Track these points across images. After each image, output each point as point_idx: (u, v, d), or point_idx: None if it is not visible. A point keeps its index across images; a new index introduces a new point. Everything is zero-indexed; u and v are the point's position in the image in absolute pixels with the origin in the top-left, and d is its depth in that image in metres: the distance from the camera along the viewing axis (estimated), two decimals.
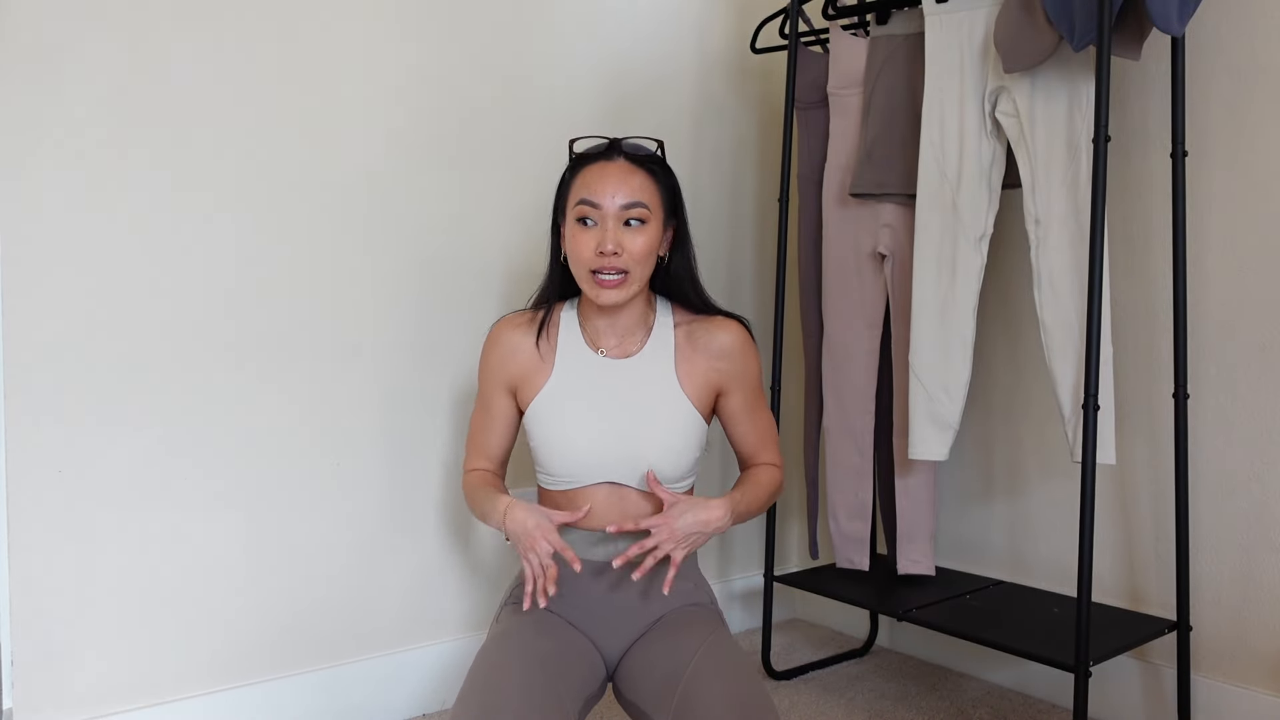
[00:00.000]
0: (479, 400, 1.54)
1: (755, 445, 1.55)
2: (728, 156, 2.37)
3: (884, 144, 1.93)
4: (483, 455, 1.55)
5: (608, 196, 1.37)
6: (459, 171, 1.91)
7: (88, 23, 1.51)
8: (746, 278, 2.42)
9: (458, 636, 1.96)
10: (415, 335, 1.87)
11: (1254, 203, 1.71)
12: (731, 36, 2.35)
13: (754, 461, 1.56)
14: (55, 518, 1.52)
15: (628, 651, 1.43)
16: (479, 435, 1.55)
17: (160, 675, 1.62)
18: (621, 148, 1.43)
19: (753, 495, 1.49)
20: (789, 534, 2.54)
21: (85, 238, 1.52)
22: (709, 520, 1.38)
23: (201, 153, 1.62)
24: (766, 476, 1.54)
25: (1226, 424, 1.75)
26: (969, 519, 2.16)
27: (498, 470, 1.56)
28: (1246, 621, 1.74)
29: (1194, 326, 1.79)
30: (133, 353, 1.57)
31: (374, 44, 1.79)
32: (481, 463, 1.55)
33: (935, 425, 1.83)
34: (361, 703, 1.83)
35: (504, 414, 1.52)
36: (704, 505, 1.39)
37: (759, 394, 1.54)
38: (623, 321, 1.47)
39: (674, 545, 1.37)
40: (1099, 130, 1.56)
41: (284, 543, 1.74)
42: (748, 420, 1.53)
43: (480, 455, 1.55)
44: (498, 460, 1.56)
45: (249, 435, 1.69)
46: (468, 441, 1.57)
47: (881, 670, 2.16)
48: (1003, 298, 2.08)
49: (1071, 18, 1.59)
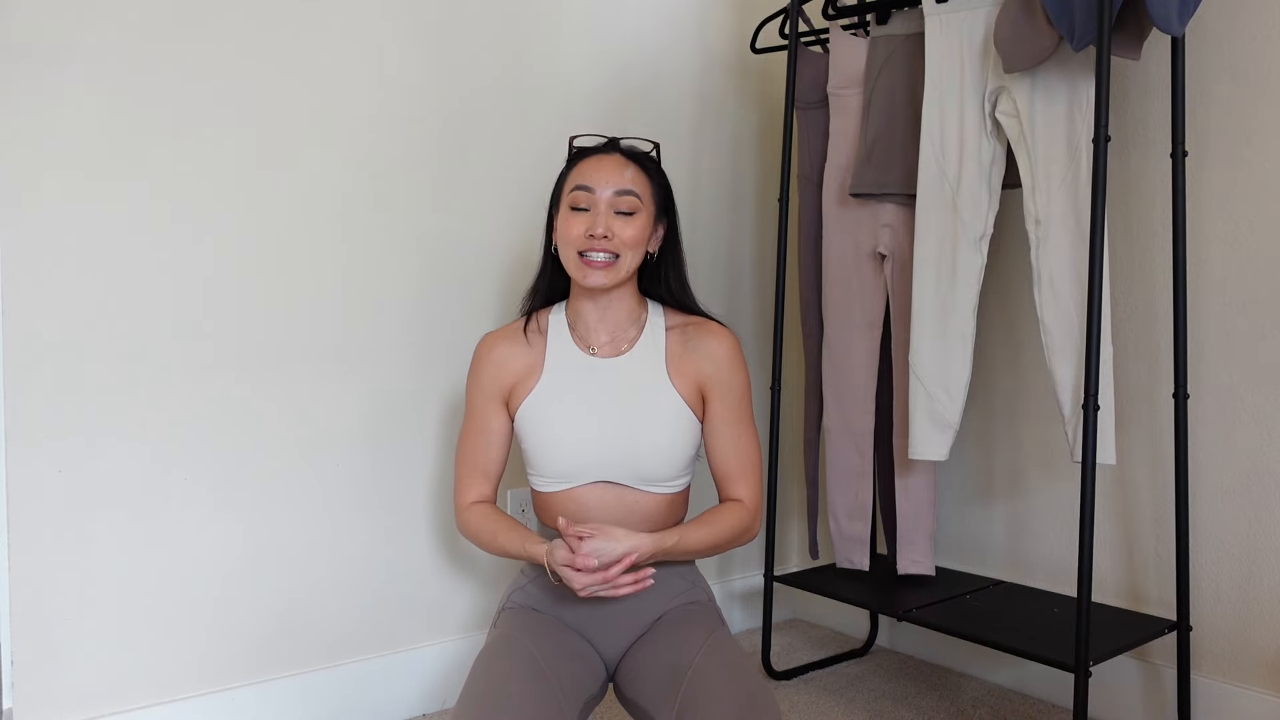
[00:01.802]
0: (470, 420, 1.50)
1: (731, 469, 1.46)
2: (728, 156, 2.37)
3: (884, 144, 1.93)
4: (480, 476, 1.50)
5: (602, 182, 1.42)
6: (458, 174, 1.91)
7: (88, 23, 1.51)
8: (746, 278, 2.42)
9: (455, 637, 1.96)
10: (412, 338, 1.87)
11: (1254, 203, 1.71)
12: (731, 36, 2.35)
13: (726, 493, 1.47)
14: (55, 518, 1.52)
15: (628, 651, 1.43)
16: (475, 456, 1.49)
17: (160, 675, 1.62)
18: (618, 144, 1.48)
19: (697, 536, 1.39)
20: (789, 534, 2.54)
21: (85, 238, 1.52)
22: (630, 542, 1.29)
23: (201, 153, 1.62)
24: (727, 518, 1.42)
25: (1226, 424, 1.75)
26: (969, 519, 2.16)
27: (494, 494, 1.51)
28: (1246, 621, 1.74)
29: (1194, 326, 1.79)
30: (132, 353, 1.57)
31: (374, 44, 1.79)
32: (479, 487, 1.50)
33: (935, 425, 1.83)
34: (360, 703, 1.83)
35: (500, 428, 1.50)
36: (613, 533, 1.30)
37: (744, 410, 1.47)
38: (613, 315, 1.48)
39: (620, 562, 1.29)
40: (1099, 130, 1.56)
41: (282, 543, 1.74)
42: (727, 435, 1.46)
43: (477, 478, 1.50)
44: (495, 479, 1.51)
45: (249, 435, 1.69)
46: (459, 466, 1.51)
47: (881, 670, 2.16)
48: (1003, 298, 2.08)
49: (1071, 18, 1.59)
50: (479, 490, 1.50)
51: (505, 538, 1.42)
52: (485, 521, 1.46)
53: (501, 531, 1.43)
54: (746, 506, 1.45)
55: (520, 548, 1.40)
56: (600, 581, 1.28)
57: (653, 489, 1.44)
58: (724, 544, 1.43)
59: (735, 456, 1.46)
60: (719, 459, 1.47)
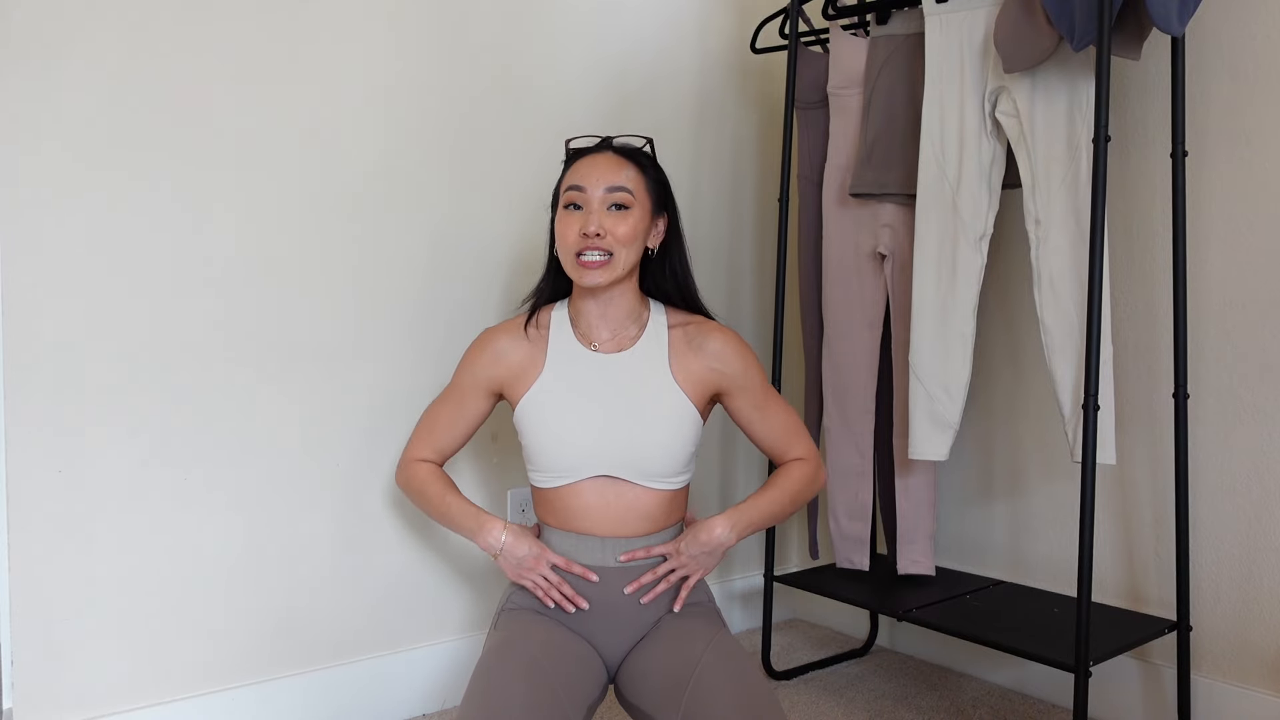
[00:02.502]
0: (451, 393, 1.56)
1: (779, 441, 1.56)
2: (728, 156, 2.37)
3: (884, 144, 1.93)
4: (431, 447, 1.58)
5: (594, 181, 1.43)
6: (459, 173, 1.91)
7: (88, 22, 1.51)
8: (746, 278, 2.42)
9: (456, 637, 1.96)
10: (413, 339, 1.87)
11: (1254, 203, 1.71)
12: (731, 36, 2.35)
13: (783, 459, 1.58)
14: (55, 518, 1.52)
15: (629, 654, 1.43)
16: (439, 427, 1.57)
17: (160, 675, 1.62)
18: (611, 143, 1.50)
19: (767, 499, 1.51)
20: (789, 534, 2.54)
21: (85, 237, 1.52)
22: (710, 540, 1.44)
23: (201, 153, 1.62)
24: (790, 475, 1.54)
25: (1226, 424, 1.75)
26: (969, 519, 2.16)
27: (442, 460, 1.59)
28: (1246, 621, 1.74)
29: (1194, 326, 1.79)
30: (132, 353, 1.57)
31: (374, 42, 1.79)
32: (427, 454, 1.58)
33: (935, 425, 1.83)
34: (360, 702, 1.83)
35: (474, 415, 1.56)
36: (704, 526, 1.45)
37: (767, 391, 1.55)
38: (615, 315, 1.48)
39: (687, 570, 1.46)
40: (1099, 130, 1.56)
41: (283, 542, 1.74)
42: (761, 419, 1.54)
43: (429, 446, 1.58)
44: (445, 456, 1.59)
45: (249, 435, 1.69)
46: (420, 426, 1.59)
47: (881, 670, 2.16)
48: (1003, 298, 2.08)
49: (1071, 18, 1.59)
50: (429, 456, 1.58)
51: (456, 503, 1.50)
52: (436, 482, 1.54)
53: (453, 496, 1.52)
54: (807, 460, 1.56)
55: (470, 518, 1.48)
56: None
57: (653, 484, 1.44)
58: (797, 497, 1.54)
59: (776, 430, 1.55)
60: (765, 439, 1.56)
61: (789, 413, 1.57)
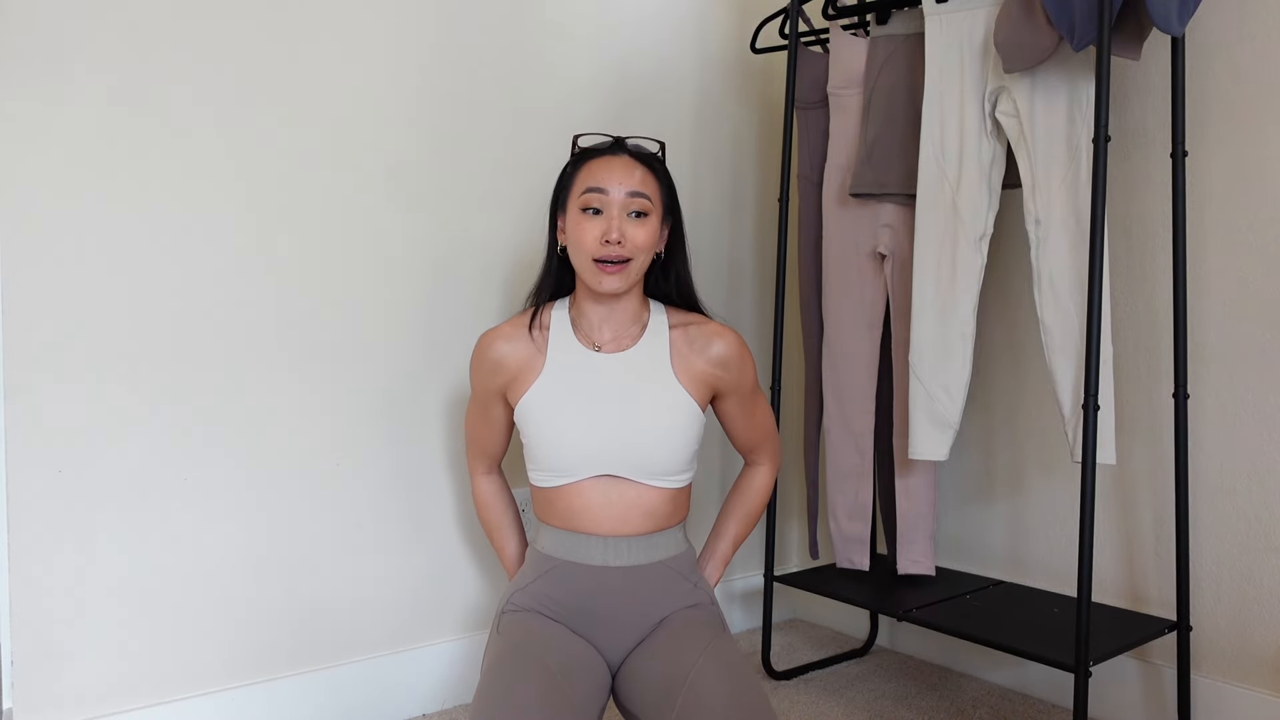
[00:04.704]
0: (473, 403, 1.59)
1: (753, 441, 1.62)
2: (728, 156, 2.37)
3: (884, 144, 1.93)
4: (482, 456, 1.65)
5: (615, 184, 1.41)
6: (462, 173, 1.91)
7: (88, 21, 1.51)
8: (746, 278, 2.42)
9: (460, 636, 1.96)
10: (416, 335, 1.87)
11: (1254, 203, 1.71)
12: (731, 37, 2.35)
13: (749, 456, 1.65)
14: (55, 518, 1.52)
15: (629, 657, 1.43)
16: (479, 437, 1.62)
17: (160, 675, 1.62)
18: (626, 144, 1.47)
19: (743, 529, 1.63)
20: (789, 534, 2.54)
21: (86, 237, 1.52)
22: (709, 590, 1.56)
23: (202, 153, 1.62)
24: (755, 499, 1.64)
25: (1226, 424, 1.75)
26: (969, 519, 2.16)
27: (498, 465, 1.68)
28: (1246, 621, 1.74)
29: (1194, 326, 1.79)
30: (133, 353, 1.57)
31: (377, 44, 1.79)
32: (482, 463, 1.66)
33: (935, 425, 1.83)
34: (362, 702, 1.83)
35: (500, 418, 1.59)
36: None
37: (755, 393, 1.58)
38: (618, 315, 1.48)
39: None
40: (1099, 130, 1.56)
41: (284, 542, 1.74)
42: (744, 421, 1.59)
43: (480, 455, 1.65)
44: (496, 459, 1.66)
45: (249, 435, 1.69)
46: (468, 443, 1.65)
47: (881, 670, 2.16)
48: (1003, 298, 2.08)
49: (1071, 18, 1.59)
50: (487, 464, 1.66)
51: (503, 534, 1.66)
52: (494, 507, 1.66)
53: (499, 538, 1.66)
54: (769, 468, 1.65)
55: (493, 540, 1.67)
56: None
57: (655, 483, 1.44)
58: (760, 508, 1.65)
59: (758, 432, 1.62)
60: (742, 437, 1.62)
61: (768, 415, 1.63)
